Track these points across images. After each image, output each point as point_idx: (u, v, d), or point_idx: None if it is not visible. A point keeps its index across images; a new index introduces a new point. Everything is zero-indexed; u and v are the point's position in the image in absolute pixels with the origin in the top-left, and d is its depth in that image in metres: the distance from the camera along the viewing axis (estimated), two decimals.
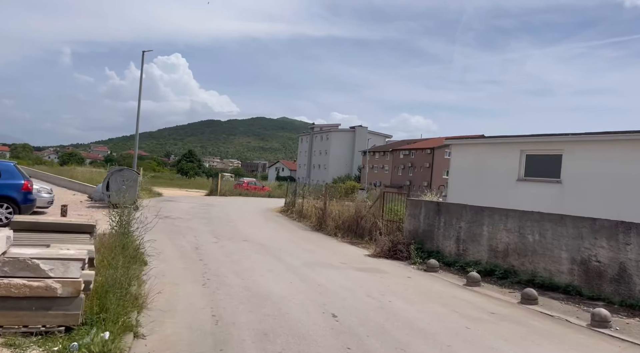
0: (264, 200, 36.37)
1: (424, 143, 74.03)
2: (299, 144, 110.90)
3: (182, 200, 28.88)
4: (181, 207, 22.90)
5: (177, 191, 42.31)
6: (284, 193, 45.14)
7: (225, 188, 38.08)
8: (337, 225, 16.84)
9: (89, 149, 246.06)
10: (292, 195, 25.81)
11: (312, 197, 23.27)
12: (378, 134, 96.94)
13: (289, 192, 29.09)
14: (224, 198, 33.35)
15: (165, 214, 18.94)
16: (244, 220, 19.34)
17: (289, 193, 28.97)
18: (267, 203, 32.27)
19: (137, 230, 8.47)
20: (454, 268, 11.25)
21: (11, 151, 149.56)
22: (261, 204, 30.55)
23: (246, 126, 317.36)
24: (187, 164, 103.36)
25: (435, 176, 68.15)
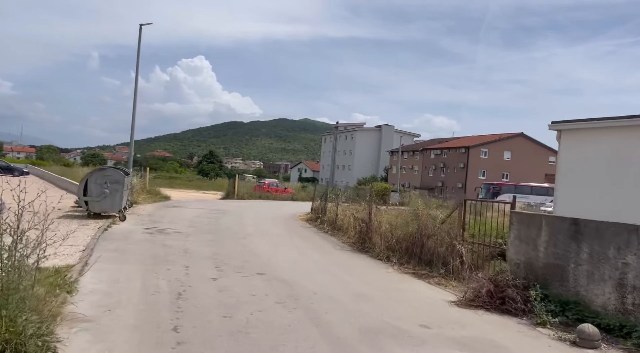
0: (286, 204, 31.71)
1: (457, 142, 68.47)
2: (322, 143, 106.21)
3: (191, 205, 24.39)
4: (185, 215, 18.34)
5: (190, 194, 37.98)
6: (308, 196, 40.43)
7: (244, 191, 33.55)
8: (388, 245, 11.98)
9: (113, 150, 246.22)
10: (321, 200, 21.01)
11: (348, 203, 18.44)
12: (405, 132, 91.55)
13: (316, 196, 24.36)
14: (240, 203, 28.78)
15: (161, 226, 14.39)
16: (262, 235, 14.63)
17: (316, 197, 24.24)
18: (290, 208, 27.58)
19: None
20: (630, 342, 6.23)
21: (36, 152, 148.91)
22: (284, 210, 25.87)
23: (268, 127, 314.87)
24: (207, 165, 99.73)
25: (471, 177, 62.60)
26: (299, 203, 34.36)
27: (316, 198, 24.38)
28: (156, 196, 26.11)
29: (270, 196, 35.91)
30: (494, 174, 62.39)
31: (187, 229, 14.35)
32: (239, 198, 32.15)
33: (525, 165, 63.05)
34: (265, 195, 35.66)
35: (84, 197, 14.17)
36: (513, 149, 63.55)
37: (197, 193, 40.28)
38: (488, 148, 63.13)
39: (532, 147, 63.95)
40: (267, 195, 35.77)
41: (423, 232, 11.08)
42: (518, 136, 64.07)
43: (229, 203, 28.23)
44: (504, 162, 63.37)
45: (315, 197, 24.70)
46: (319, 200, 21.00)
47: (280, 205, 29.76)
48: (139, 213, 17.50)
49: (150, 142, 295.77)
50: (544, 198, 57.12)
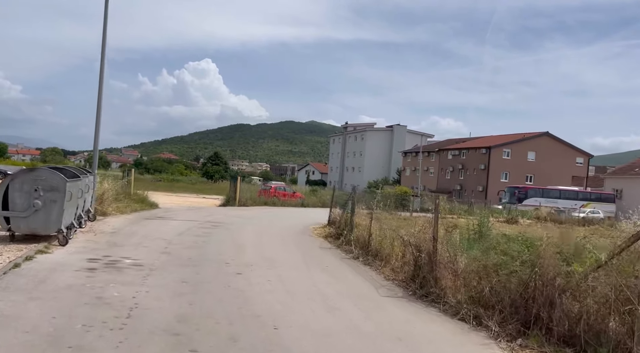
0: (296, 211, 26.95)
1: (477, 142, 63.48)
2: (331, 145, 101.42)
3: (180, 214, 19.62)
4: (165, 232, 13.53)
5: (187, 199, 33.28)
6: (320, 201, 35.57)
7: (247, 196, 28.76)
8: (475, 294, 7.16)
9: (120, 152, 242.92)
10: (344, 211, 16.16)
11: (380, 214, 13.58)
12: (418, 133, 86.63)
13: (335, 203, 19.62)
14: (242, 211, 24.01)
15: (118, 254, 9.63)
16: (267, 266, 9.79)
17: (334, 203, 19.50)
18: (301, 217, 22.83)
19: None
20: None
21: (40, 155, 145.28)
22: (294, 220, 21.11)
23: (275, 130, 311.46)
24: (212, 167, 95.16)
25: (492, 179, 57.60)
26: (310, 210, 29.55)
27: (334, 205, 19.61)
28: (141, 204, 21.39)
29: (277, 202, 31.14)
30: (516, 176, 57.37)
31: (155, 258, 9.56)
32: (241, 204, 27.38)
33: (551, 167, 58.01)
34: (272, 201, 30.89)
35: (3, 212, 9.43)
36: (537, 149, 58.51)
37: (196, 198, 35.57)
38: (511, 148, 58.09)
39: (558, 148, 58.90)
40: (273, 201, 31.00)
41: (547, 280, 6.18)
42: (543, 135, 59.03)
43: (227, 211, 23.47)
44: (528, 164, 58.34)
45: (333, 204, 19.91)
46: (342, 212, 16.13)
47: (289, 214, 25.00)
48: (101, 230, 12.76)
49: (157, 145, 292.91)
50: (574, 203, 51.99)
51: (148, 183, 60.32)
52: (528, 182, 57.76)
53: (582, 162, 59.70)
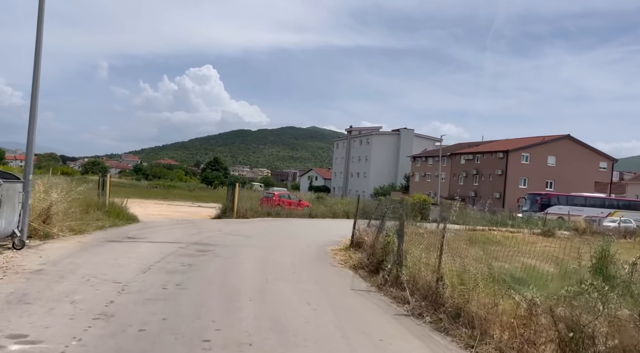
0: (305, 225, 22.52)
1: (492, 145, 59.11)
2: (334, 149, 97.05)
3: (161, 233, 15.11)
4: (126, 267, 9.04)
5: (178, 209, 28.87)
6: (330, 210, 30.97)
7: (247, 206, 24.27)
8: None
9: (120, 158, 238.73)
10: (379, 231, 11.68)
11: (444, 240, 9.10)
12: (426, 137, 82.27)
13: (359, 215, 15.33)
14: (240, 225, 19.56)
15: (14, 325, 5.15)
16: (278, 342, 5.46)
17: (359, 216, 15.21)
18: (312, 232, 18.44)
19: None
20: None
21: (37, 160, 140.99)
22: (305, 238, 16.68)
23: (276, 135, 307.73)
24: (212, 173, 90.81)
25: (510, 185, 53.17)
26: (321, 222, 25.16)
27: (358, 217, 15.28)
28: (114, 218, 16.98)
29: (282, 212, 26.70)
30: (536, 182, 52.99)
31: (76, 336, 5.18)
32: (240, 216, 22.96)
33: (572, 172, 53.63)
34: (275, 211, 26.46)
35: None
36: (558, 153, 54.14)
37: (189, 208, 31.15)
38: (529, 152, 53.71)
39: (580, 152, 54.56)
40: (277, 211, 26.58)
41: None
42: (564, 139, 54.69)
43: (223, 226, 19.02)
44: (548, 169, 53.95)
45: (357, 216, 15.56)
46: (378, 234, 11.67)
47: (298, 228, 20.57)
48: (21, 266, 8.32)
49: (158, 151, 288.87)
50: (600, 211, 47.50)
51: (141, 191, 56.11)
52: (548, 189, 53.40)
53: (606, 167, 55.37)
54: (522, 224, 34.75)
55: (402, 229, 9.25)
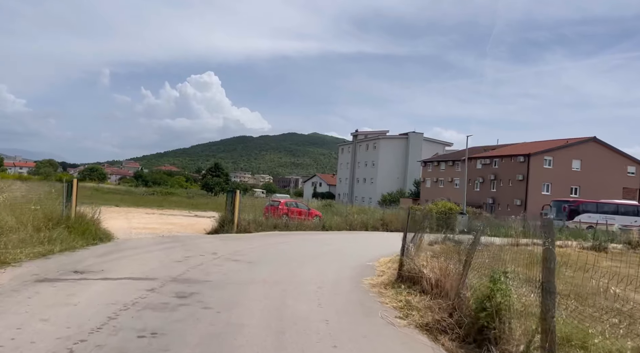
0: (321, 241, 18.12)
1: (512, 149, 54.77)
2: (339, 154, 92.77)
3: (128, 262, 10.58)
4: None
5: (169, 220, 24.54)
6: (345, 222, 26.49)
7: (249, 218, 19.85)
8: None
9: (120, 165, 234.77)
10: (464, 266, 7.30)
11: None
12: (436, 141, 78.05)
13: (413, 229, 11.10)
14: (241, 244, 15.13)
15: None
16: None
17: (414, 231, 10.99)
18: (334, 251, 14.13)
19: None
20: None
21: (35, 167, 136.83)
22: (329, 262, 12.33)
23: (277, 142, 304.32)
24: (212, 179, 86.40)
25: (532, 191, 48.79)
26: (337, 235, 20.83)
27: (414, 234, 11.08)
28: (80, 235, 12.67)
29: (291, 224, 22.34)
30: (559, 188, 48.64)
31: None
32: (241, 230, 18.58)
33: (598, 177, 49.28)
34: (283, 223, 22.11)
35: None
36: (583, 157, 49.82)
37: (183, 219, 26.81)
38: (552, 156, 49.38)
39: (607, 155, 50.25)
40: (285, 223, 22.23)
41: None
42: (589, 141, 50.37)
43: (219, 244, 14.64)
44: (572, 174, 49.61)
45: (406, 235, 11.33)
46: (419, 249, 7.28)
47: (314, 246, 16.19)
48: None
49: (159, 158, 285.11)
50: (634, 220, 43.17)
51: (135, 198, 51.82)
52: (573, 195, 49.03)
53: (634, 172, 51.02)
54: (560, 235, 30.42)
55: (552, 278, 4.80)
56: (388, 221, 26.53)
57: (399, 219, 27.31)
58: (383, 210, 27.93)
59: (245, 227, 18.73)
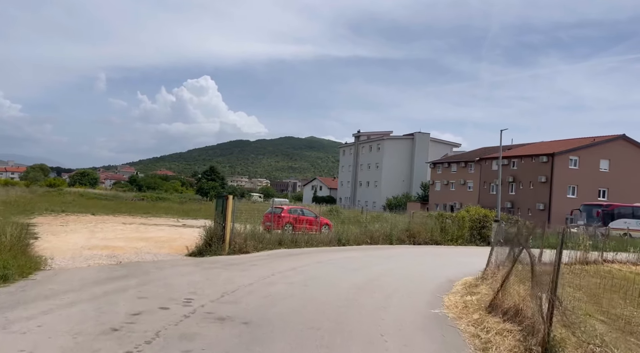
0: (346, 265, 12.93)
1: (533, 148, 49.83)
2: (340, 156, 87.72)
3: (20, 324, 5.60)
4: None
5: (146, 232, 19.36)
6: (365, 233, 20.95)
7: (246, 233, 14.63)
8: None
9: (115, 170, 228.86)
10: None
11: None
12: (443, 141, 73.18)
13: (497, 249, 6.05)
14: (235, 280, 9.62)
15: None
16: None
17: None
18: (380, 289, 8.96)
19: None
20: None
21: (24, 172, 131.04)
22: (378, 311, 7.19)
23: (274, 146, 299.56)
24: (208, 183, 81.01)
25: (557, 195, 43.86)
26: (360, 253, 15.71)
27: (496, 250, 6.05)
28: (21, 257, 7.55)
29: (300, 239, 17.14)
30: (586, 191, 43.76)
31: None
32: (236, 249, 13.42)
33: (628, 179, 44.45)
34: (290, 237, 16.93)
35: None
36: (612, 156, 44.96)
37: (167, 229, 21.60)
38: (578, 155, 44.50)
39: (637, 154, 45.43)
40: (292, 237, 17.05)
41: None
42: (618, 139, 45.51)
43: (199, 281, 9.30)
44: (600, 175, 44.74)
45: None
46: None
47: (342, 276, 10.99)
48: None
49: (155, 162, 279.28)
50: None
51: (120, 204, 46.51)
52: (601, 198, 44.16)
53: None
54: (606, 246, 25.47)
55: None
56: (416, 232, 21.48)
57: (427, 229, 22.27)
58: (409, 218, 22.87)
59: (240, 245, 13.59)
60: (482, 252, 21.20)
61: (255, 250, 14.18)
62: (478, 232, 24.34)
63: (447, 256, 17.63)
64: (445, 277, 12.43)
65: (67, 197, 51.74)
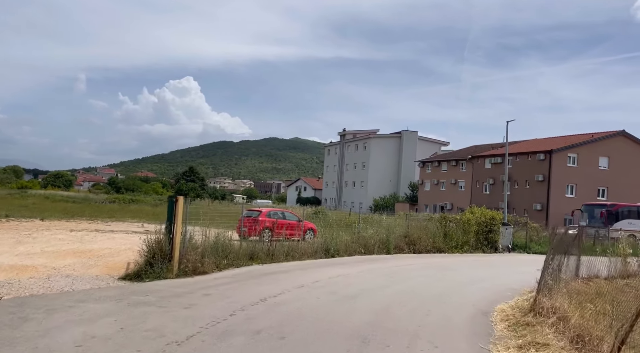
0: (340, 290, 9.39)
1: (528, 145, 46.96)
2: (325, 156, 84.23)
3: None
4: None
5: (93, 241, 15.49)
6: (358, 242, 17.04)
7: (202, 247, 10.96)
8: None
9: (94, 171, 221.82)
10: None
11: None
12: (431, 140, 70.22)
13: None
14: (164, 328, 6.10)
15: None
16: None
17: None
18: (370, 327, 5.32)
19: None
20: None
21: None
22: None
23: (258, 147, 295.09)
24: (187, 184, 76.80)
25: (555, 194, 41.06)
26: (354, 268, 12.14)
27: None
28: None
29: (278, 251, 13.51)
30: (586, 190, 41.06)
31: None
32: (188, 271, 9.75)
33: (627, 177, 41.91)
34: (265, 248, 13.30)
35: None
36: (611, 153, 42.36)
37: (115, 240, 17.71)
38: (577, 152, 41.78)
39: (636, 152, 42.92)
40: (268, 248, 13.43)
41: None
42: (617, 135, 42.94)
43: (107, 335, 5.76)
44: (599, 173, 42.08)
45: None
46: None
47: (339, 319, 7.49)
48: None
49: (137, 164, 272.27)
50: None
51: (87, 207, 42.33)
52: (600, 198, 41.51)
53: None
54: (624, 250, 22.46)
55: None
56: (416, 238, 18.07)
57: (428, 235, 18.87)
58: (407, 222, 19.42)
59: (194, 263, 9.95)
60: (495, 261, 17.75)
61: (217, 268, 10.56)
62: (485, 237, 21.08)
63: (459, 269, 14.26)
64: (472, 305, 9.03)
65: (30, 199, 47.19)
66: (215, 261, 10.66)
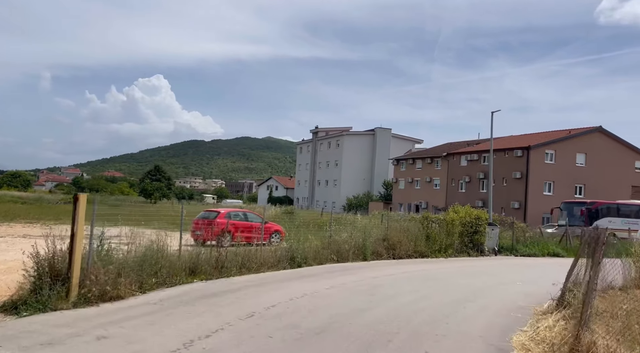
0: (291, 305, 6.84)
1: (505, 141, 45.42)
2: (297, 154, 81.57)
3: None
4: None
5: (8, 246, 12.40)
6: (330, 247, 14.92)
7: (118, 262, 8.24)
8: None
9: (59, 171, 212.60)
10: None
11: None
12: (405, 137, 68.44)
13: None
14: None
15: None
16: None
17: None
18: None
19: None
20: None
21: None
22: None
23: (230, 146, 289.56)
24: (152, 184, 72.55)
25: (533, 192, 39.62)
26: (319, 282, 9.51)
27: None
28: None
29: (231, 262, 10.81)
30: (563, 188, 39.81)
31: None
32: (93, 296, 7.05)
33: (604, 174, 40.87)
34: (214, 261, 10.60)
35: None
36: (588, 150, 41.25)
37: None
38: (555, 149, 40.46)
39: (613, 148, 41.96)
40: (216, 260, 10.73)
41: None
42: (595, 132, 41.86)
43: None
44: (576, 170, 40.91)
45: None
46: None
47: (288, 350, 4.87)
48: None
49: (104, 163, 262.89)
50: None
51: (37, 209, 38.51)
52: (577, 195, 40.34)
53: None
54: None
55: None
56: (396, 242, 15.66)
57: (409, 238, 16.50)
58: (386, 223, 17.00)
59: (102, 285, 7.15)
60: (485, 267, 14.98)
61: (139, 290, 7.80)
62: (470, 239, 18.88)
63: (449, 279, 11.89)
64: (479, 336, 6.60)
65: None
66: (139, 280, 7.91)
